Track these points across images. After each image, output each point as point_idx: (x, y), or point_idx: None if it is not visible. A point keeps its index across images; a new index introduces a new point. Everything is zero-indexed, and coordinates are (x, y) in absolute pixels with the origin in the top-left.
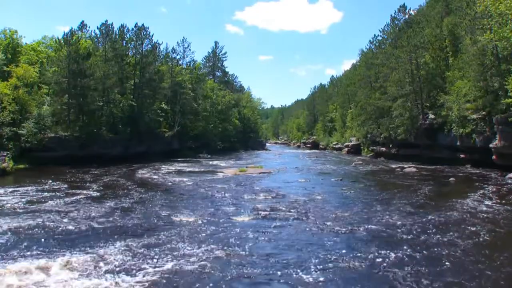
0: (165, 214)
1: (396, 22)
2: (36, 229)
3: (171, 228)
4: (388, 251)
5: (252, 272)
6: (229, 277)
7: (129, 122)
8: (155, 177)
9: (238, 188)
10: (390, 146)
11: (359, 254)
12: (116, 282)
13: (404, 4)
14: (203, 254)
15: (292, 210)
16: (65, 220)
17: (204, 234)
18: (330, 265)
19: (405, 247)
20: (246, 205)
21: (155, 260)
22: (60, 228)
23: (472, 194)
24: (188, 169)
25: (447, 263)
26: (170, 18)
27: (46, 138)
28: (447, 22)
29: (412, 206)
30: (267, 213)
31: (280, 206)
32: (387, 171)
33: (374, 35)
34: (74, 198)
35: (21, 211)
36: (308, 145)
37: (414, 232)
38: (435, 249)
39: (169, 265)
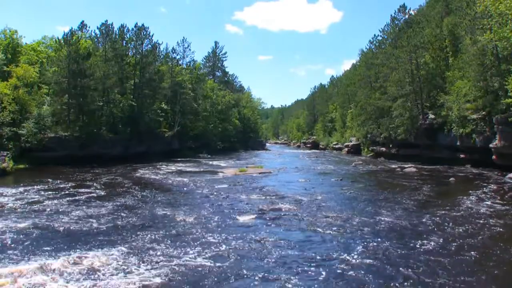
0: (167, 214)
1: (396, 22)
2: (36, 229)
3: (172, 228)
4: (391, 249)
5: (263, 268)
6: (239, 272)
7: (129, 122)
8: (155, 177)
9: (238, 188)
10: (390, 146)
11: (357, 255)
12: (118, 282)
13: (404, 4)
14: (206, 253)
15: (292, 210)
16: (66, 220)
17: (206, 234)
18: (336, 261)
19: (407, 245)
20: (247, 205)
21: (158, 260)
22: (61, 228)
23: (473, 194)
24: (188, 169)
25: (450, 259)
26: (170, 18)
27: (46, 138)
28: (447, 22)
29: (412, 207)
30: (268, 213)
31: (282, 206)
32: (387, 171)
33: (374, 35)
34: (74, 198)
35: (21, 211)
36: (308, 145)
37: (416, 230)
38: (436, 248)
39: (175, 264)
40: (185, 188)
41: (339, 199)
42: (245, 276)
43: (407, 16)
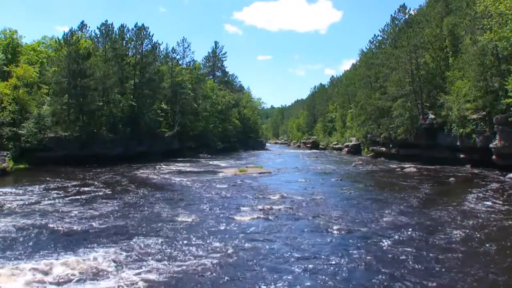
0: (166, 214)
1: (396, 22)
2: (36, 229)
3: (173, 228)
4: (390, 250)
5: (259, 269)
6: (239, 271)
7: (129, 122)
8: (155, 177)
9: (238, 188)
10: (390, 146)
11: (359, 255)
12: (116, 282)
13: (404, 4)
14: (208, 252)
15: (292, 210)
16: (65, 220)
17: (207, 234)
18: (333, 264)
19: (407, 245)
20: (247, 205)
21: (158, 260)
22: (60, 228)
23: (473, 194)
24: (188, 169)
25: (449, 261)
26: (169, 18)
27: (46, 138)
28: (447, 22)
29: (412, 207)
30: (268, 213)
31: (281, 206)
32: (387, 171)
33: (374, 35)
34: (74, 198)
35: (20, 211)
36: (308, 145)
37: (418, 229)
38: (437, 247)
39: (174, 265)
40: (185, 188)
41: (339, 199)
42: (246, 274)
43: (407, 16)
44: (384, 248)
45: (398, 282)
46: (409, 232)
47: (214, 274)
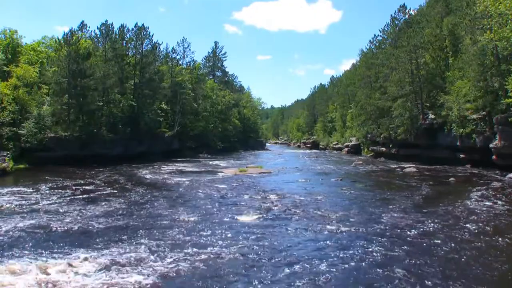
0: (166, 214)
1: (396, 22)
2: (36, 229)
3: (173, 228)
4: (390, 250)
5: (259, 269)
6: (237, 274)
7: (129, 122)
8: (155, 177)
9: (238, 188)
10: (390, 146)
11: (361, 253)
12: (116, 282)
13: (404, 4)
14: (209, 252)
15: (293, 210)
16: (66, 220)
17: (207, 233)
18: (335, 262)
19: (406, 246)
20: (247, 205)
21: (158, 260)
22: (60, 228)
23: (473, 194)
24: (188, 169)
25: (448, 261)
26: (169, 18)
27: (46, 138)
28: (447, 22)
29: (413, 206)
30: (269, 213)
31: (281, 206)
32: (387, 171)
33: (374, 35)
34: (74, 198)
35: (20, 211)
36: (308, 145)
37: (416, 231)
38: (436, 248)
39: (174, 264)
40: (185, 188)
41: (340, 199)
42: (246, 275)
43: (407, 16)
44: (387, 247)
45: (421, 271)
46: (416, 229)
47: (214, 274)
